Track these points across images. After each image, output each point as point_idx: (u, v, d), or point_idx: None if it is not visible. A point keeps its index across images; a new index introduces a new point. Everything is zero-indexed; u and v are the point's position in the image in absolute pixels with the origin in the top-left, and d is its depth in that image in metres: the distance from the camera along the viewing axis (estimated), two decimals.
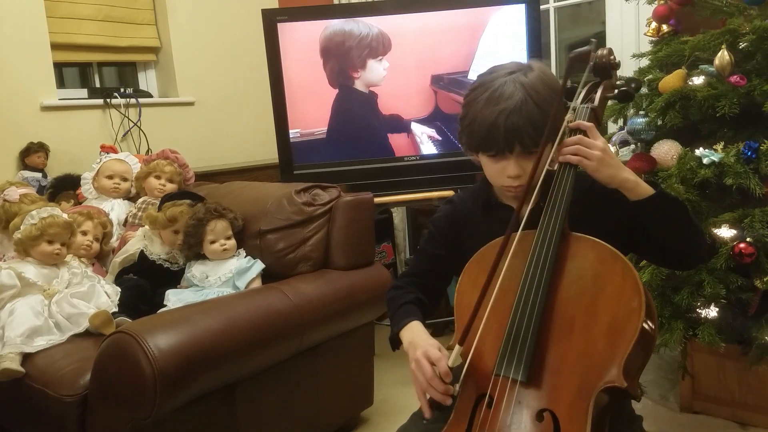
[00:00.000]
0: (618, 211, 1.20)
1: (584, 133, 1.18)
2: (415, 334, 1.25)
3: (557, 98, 1.19)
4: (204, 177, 2.98)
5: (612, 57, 1.30)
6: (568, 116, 1.22)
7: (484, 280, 1.18)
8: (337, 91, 2.91)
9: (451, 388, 1.13)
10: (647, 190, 1.17)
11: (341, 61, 2.88)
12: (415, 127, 2.93)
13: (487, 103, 1.17)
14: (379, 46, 2.87)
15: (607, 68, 1.30)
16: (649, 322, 1.10)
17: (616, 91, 1.31)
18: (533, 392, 1.08)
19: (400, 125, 2.93)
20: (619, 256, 1.12)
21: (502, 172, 1.22)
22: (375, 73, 2.89)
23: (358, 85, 2.90)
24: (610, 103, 2.22)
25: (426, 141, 2.92)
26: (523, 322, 1.11)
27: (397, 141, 2.95)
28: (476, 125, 1.19)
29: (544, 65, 1.24)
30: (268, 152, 3.64)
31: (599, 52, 1.30)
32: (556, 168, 1.22)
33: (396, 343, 1.30)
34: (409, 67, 2.88)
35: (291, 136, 2.92)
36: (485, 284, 1.15)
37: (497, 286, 1.17)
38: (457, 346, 1.14)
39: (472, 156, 1.30)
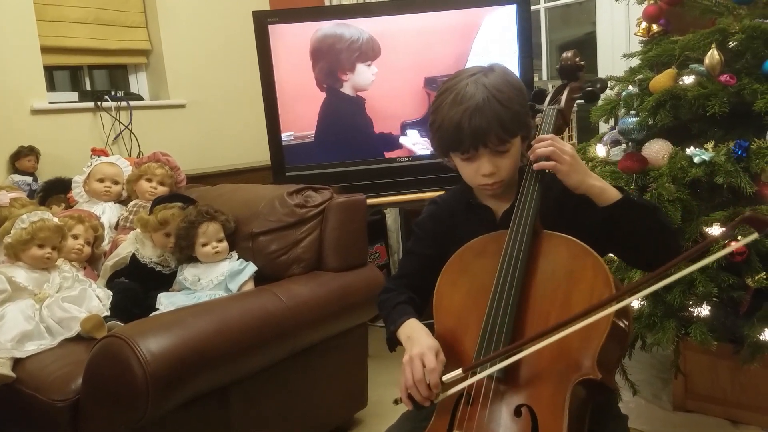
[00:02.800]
0: (593, 211, 1.22)
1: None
2: (414, 330, 1.25)
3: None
4: (195, 179, 2.97)
5: (577, 59, 1.34)
6: (537, 119, 1.27)
7: (460, 282, 1.24)
8: (324, 95, 2.90)
9: (434, 394, 1.14)
10: (613, 195, 1.19)
11: (331, 62, 2.87)
12: (406, 140, 2.92)
13: (451, 105, 1.20)
14: (369, 51, 2.86)
15: (572, 70, 1.34)
16: (621, 317, 1.12)
17: (581, 92, 1.34)
18: (510, 388, 1.11)
19: (393, 142, 2.93)
20: (589, 251, 1.15)
21: (477, 171, 1.25)
22: (363, 78, 2.88)
23: (346, 89, 2.89)
24: (602, 103, 2.26)
25: (419, 142, 2.92)
26: (498, 319, 1.13)
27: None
28: (444, 127, 1.22)
29: (505, 67, 1.27)
30: (260, 154, 3.64)
31: (564, 54, 1.34)
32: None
33: (393, 343, 1.31)
34: (400, 69, 2.88)
35: (285, 139, 2.92)
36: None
37: (474, 286, 1.21)
38: (459, 370, 1.14)
39: (446, 160, 1.32)
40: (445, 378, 1.14)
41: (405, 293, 1.37)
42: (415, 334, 1.23)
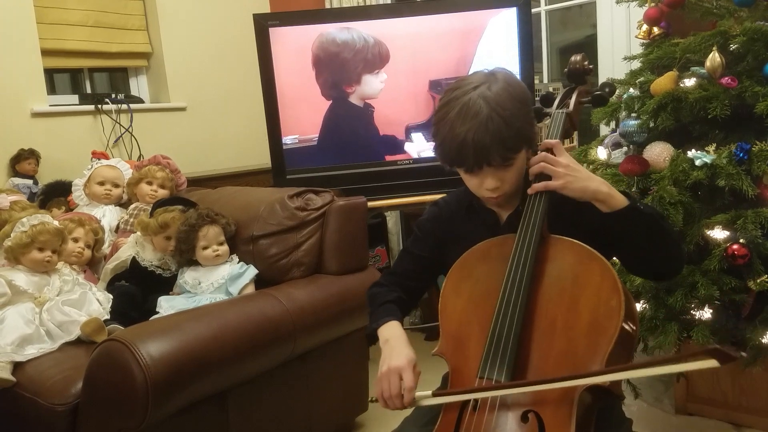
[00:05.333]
0: (598, 215, 1.21)
1: (550, 150, 1.21)
2: (394, 335, 1.27)
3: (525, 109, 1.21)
4: (196, 182, 2.97)
5: (586, 63, 1.35)
6: (545, 122, 1.27)
7: (465, 287, 1.24)
8: (330, 101, 2.88)
9: (405, 406, 1.18)
10: (620, 202, 1.18)
11: (334, 74, 2.84)
12: (411, 145, 2.90)
13: (454, 122, 1.18)
14: (375, 60, 2.82)
15: (581, 74, 1.34)
16: (629, 321, 1.12)
17: (590, 95, 1.34)
18: (517, 394, 1.09)
19: (397, 145, 2.90)
20: (597, 256, 1.14)
21: (481, 185, 1.24)
22: (371, 87, 2.85)
23: (353, 99, 2.87)
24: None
25: (424, 146, 2.91)
26: (505, 325, 1.12)
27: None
28: (446, 144, 1.20)
29: (509, 73, 1.24)
30: (260, 157, 3.63)
31: (573, 58, 1.34)
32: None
33: (373, 338, 1.32)
34: (403, 72, 2.87)
35: (289, 142, 2.91)
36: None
37: (479, 290, 1.21)
38: (431, 395, 1.17)
39: (450, 169, 1.30)
40: (417, 395, 1.17)
41: (395, 292, 1.38)
42: (393, 341, 1.25)
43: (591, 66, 1.35)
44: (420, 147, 2.90)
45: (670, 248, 1.22)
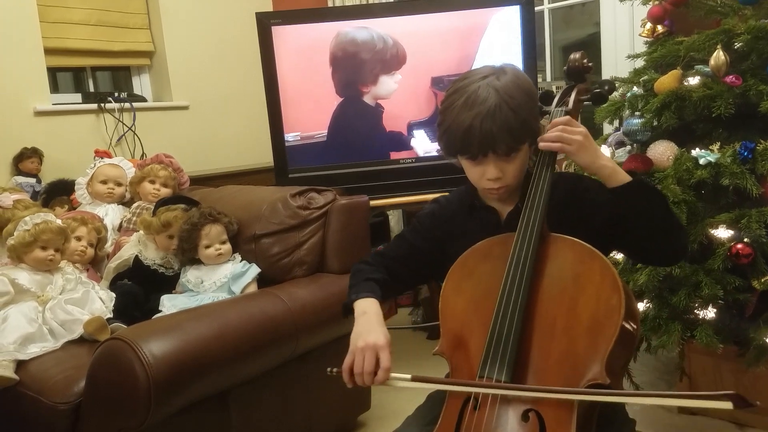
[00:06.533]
0: (600, 210, 1.22)
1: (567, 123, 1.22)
2: (371, 311, 1.27)
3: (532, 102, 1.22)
4: (198, 181, 2.97)
5: (585, 61, 1.34)
6: (544, 120, 1.27)
7: (466, 286, 1.23)
8: (341, 98, 2.88)
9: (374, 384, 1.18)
10: (625, 177, 1.20)
11: (350, 74, 2.85)
12: (414, 142, 2.90)
13: (462, 109, 1.19)
14: (393, 61, 2.83)
15: (580, 72, 1.35)
16: (629, 320, 1.11)
17: (589, 93, 1.34)
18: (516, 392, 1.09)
19: (403, 142, 2.91)
20: (597, 254, 1.14)
21: (483, 175, 1.24)
22: (385, 88, 2.86)
23: (367, 99, 2.88)
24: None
25: (426, 143, 2.91)
26: (505, 323, 1.12)
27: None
28: (452, 130, 1.21)
29: (517, 68, 1.26)
30: (262, 156, 3.63)
31: (572, 56, 1.34)
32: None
33: (348, 310, 1.32)
34: (406, 69, 2.87)
35: (290, 139, 2.91)
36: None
37: (480, 289, 1.20)
38: (410, 379, 1.16)
39: (452, 160, 1.31)
40: (392, 376, 1.17)
41: (381, 272, 1.37)
42: (370, 317, 1.25)
43: (590, 64, 1.35)
44: (423, 144, 2.90)
45: (677, 227, 1.22)
